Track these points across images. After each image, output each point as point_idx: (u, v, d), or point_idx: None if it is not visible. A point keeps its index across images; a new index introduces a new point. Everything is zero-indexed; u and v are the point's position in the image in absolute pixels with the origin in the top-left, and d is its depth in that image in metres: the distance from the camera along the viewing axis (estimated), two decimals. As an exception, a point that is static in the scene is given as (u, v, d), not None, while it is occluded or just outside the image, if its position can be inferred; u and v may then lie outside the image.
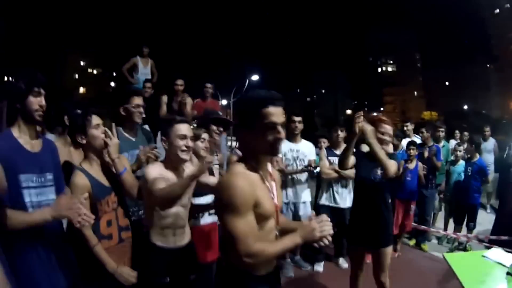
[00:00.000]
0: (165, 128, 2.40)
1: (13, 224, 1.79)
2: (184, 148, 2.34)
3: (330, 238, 1.67)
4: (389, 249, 3.31)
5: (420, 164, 5.07)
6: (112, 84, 47.25)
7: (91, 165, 2.36)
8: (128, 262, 2.45)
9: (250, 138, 1.71)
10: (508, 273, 2.84)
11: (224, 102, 23.51)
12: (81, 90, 53.47)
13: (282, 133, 1.68)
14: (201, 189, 2.72)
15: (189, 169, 2.50)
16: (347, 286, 3.82)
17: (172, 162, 2.41)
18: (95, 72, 56.73)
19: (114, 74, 47.78)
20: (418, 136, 5.93)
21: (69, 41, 48.83)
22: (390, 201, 3.31)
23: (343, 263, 4.55)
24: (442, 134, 5.94)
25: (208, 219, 3.10)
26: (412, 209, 5.04)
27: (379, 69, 78.41)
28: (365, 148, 3.16)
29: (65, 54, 50.73)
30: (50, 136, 2.52)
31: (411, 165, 4.93)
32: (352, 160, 3.17)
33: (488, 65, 65.60)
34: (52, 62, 44.14)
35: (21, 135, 1.97)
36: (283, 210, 3.94)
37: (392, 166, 2.95)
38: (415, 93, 72.70)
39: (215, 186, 1.67)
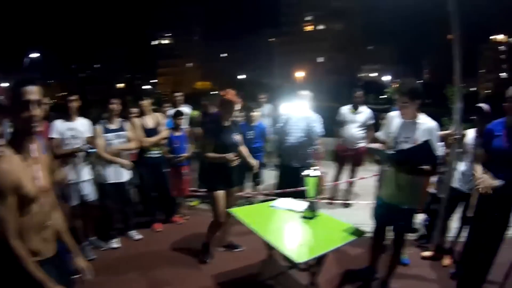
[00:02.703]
0: None
1: None
2: None
3: None
4: (239, 188, 4.45)
5: (189, 130, 5.41)
6: None
7: None
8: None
9: (12, 119, 1.82)
10: (303, 217, 3.24)
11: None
12: None
13: (36, 111, 1.77)
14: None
15: None
16: (145, 255, 4.21)
17: None
18: None
19: None
20: (188, 105, 6.41)
21: None
22: None
23: (135, 234, 4.75)
24: None
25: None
26: (185, 173, 5.33)
27: (156, 42, 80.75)
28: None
29: None
30: None
31: (178, 133, 5.21)
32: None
33: (270, 39, 74.76)
34: None
35: None
36: (69, 190, 4.10)
37: None
38: (191, 64, 77.25)
39: None
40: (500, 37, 75.17)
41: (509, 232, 3.21)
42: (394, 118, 3.33)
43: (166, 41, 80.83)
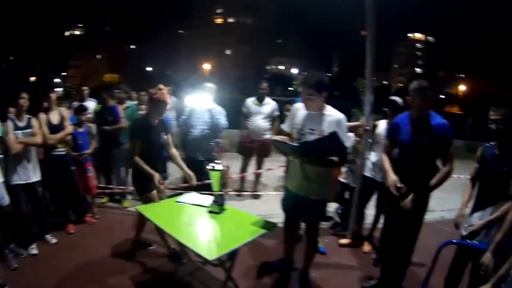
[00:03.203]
0: None
1: None
2: None
3: None
4: None
5: (91, 125, 5.23)
6: None
7: None
8: None
9: None
10: (210, 211, 3.16)
11: None
12: None
13: None
14: None
15: None
16: (64, 260, 3.95)
17: None
18: None
19: None
20: (93, 99, 6.19)
21: None
22: None
23: (51, 238, 4.45)
24: (124, 95, 6.25)
25: None
26: (90, 170, 5.12)
27: (67, 33, 77.08)
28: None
29: None
30: None
31: (81, 129, 5.00)
32: None
33: (180, 31, 74.79)
34: None
35: None
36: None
37: None
38: (100, 56, 74.69)
39: None
40: (418, 35, 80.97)
41: (431, 217, 3.31)
42: (299, 109, 3.28)
43: (78, 32, 77.59)
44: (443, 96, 60.20)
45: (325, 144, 2.88)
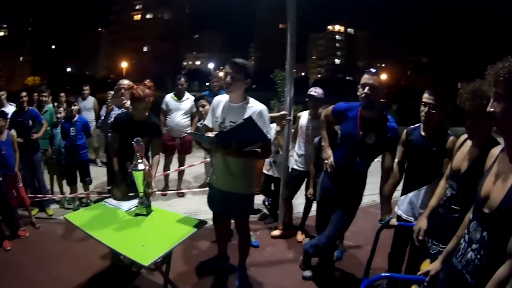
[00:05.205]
0: None
1: None
2: None
3: None
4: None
5: (12, 132, 4.89)
6: None
7: None
8: None
9: None
10: (137, 214, 3.13)
11: None
12: None
13: None
14: None
15: None
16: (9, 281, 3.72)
17: None
18: None
19: None
20: (12, 104, 5.83)
21: None
22: None
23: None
24: (44, 99, 6.05)
25: None
26: (19, 180, 4.85)
27: None
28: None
29: None
30: None
31: (3, 137, 4.69)
32: None
33: (100, 29, 73.93)
34: None
35: None
36: None
37: None
38: (21, 58, 71.83)
39: None
40: (338, 27, 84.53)
41: (363, 202, 3.43)
42: (220, 102, 3.20)
43: (2, 33, 73.07)
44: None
45: (243, 131, 2.80)
